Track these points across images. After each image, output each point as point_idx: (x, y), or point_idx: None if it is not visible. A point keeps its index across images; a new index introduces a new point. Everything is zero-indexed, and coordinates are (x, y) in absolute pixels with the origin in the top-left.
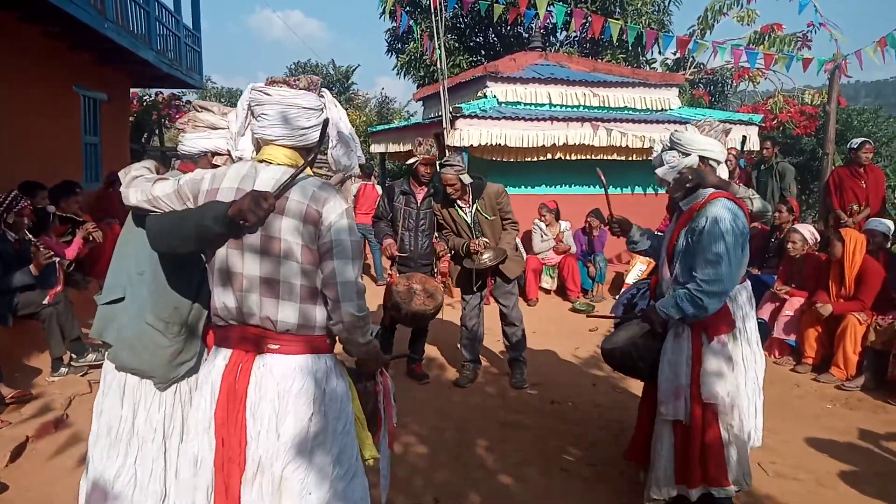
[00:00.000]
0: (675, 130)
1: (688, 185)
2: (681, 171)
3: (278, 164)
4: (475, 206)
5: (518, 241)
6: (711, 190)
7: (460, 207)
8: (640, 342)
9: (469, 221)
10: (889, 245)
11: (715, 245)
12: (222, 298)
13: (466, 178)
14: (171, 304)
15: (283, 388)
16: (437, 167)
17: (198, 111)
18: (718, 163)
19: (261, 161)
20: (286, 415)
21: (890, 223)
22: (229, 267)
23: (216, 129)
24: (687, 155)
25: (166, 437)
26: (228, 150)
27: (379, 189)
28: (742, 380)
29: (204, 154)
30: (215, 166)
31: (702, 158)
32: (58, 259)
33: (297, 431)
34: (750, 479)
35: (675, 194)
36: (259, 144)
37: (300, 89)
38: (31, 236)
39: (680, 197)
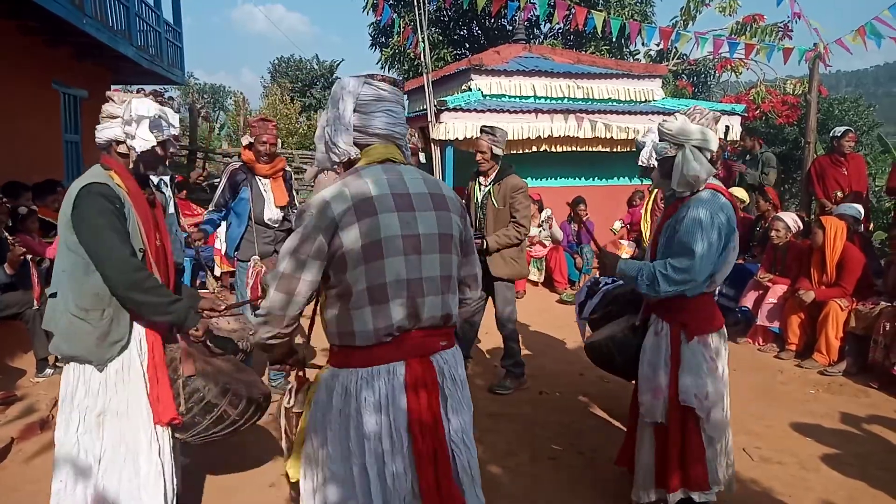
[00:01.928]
0: (664, 120)
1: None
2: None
3: (404, 164)
4: (489, 187)
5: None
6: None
7: (480, 183)
8: (619, 337)
9: (479, 200)
10: (861, 228)
11: (692, 235)
12: (391, 312)
13: (498, 150)
14: (90, 293)
15: (458, 382)
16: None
17: (108, 102)
18: (712, 153)
19: (384, 161)
20: (463, 408)
21: (859, 206)
22: (406, 275)
23: (114, 118)
24: (680, 146)
25: (103, 412)
26: (125, 139)
27: None
28: (723, 381)
29: (109, 143)
30: (121, 154)
31: (698, 149)
32: (30, 257)
33: (469, 422)
34: (730, 480)
35: (666, 189)
36: (357, 144)
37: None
38: (7, 235)
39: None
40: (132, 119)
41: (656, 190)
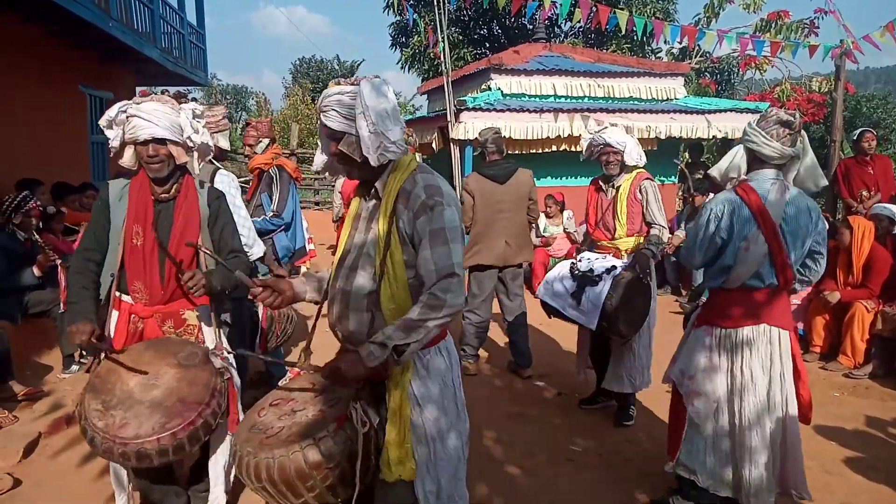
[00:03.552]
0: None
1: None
2: None
3: None
4: None
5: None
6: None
7: None
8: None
9: None
10: (895, 230)
11: (695, 221)
12: None
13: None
14: None
15: None
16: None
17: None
18: (766, 155)
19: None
20: None
21: (894, 207)
22: None
23: None
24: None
25: None
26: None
27: None
28: (717, 375)
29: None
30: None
31: (746, 149)
32: (59, 261)
33: None
34: (711, 478)
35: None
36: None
37: None
38: (37, 237)
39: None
40: (104, 125)
41: (630, 181)
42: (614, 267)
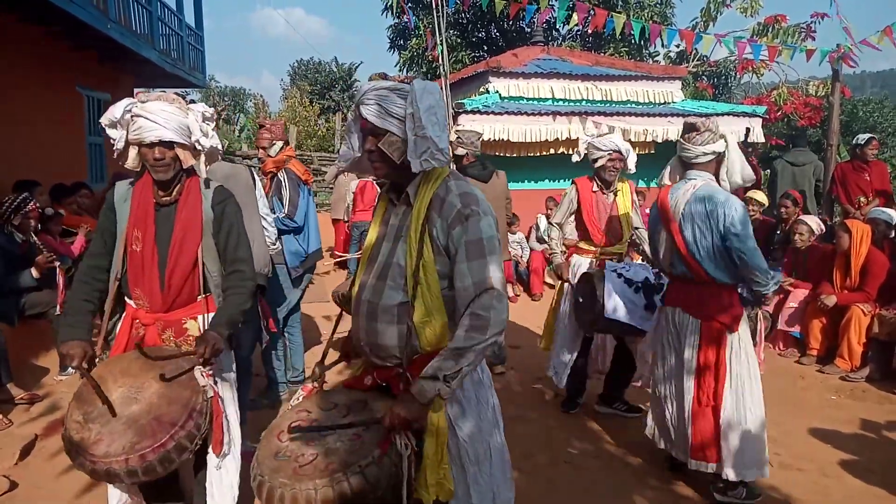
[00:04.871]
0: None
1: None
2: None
3: None
4: None
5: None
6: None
7: None
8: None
9: None
10: (893, 235)
11: None
12: None
13: (459, 150)
14: None
15: None
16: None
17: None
18: (686, 156)
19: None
20: None
21: (892, 212)
22: None
23: None
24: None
25: None
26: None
27: (378, 187)
28: (658, 349)
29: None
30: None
31: (678, 157)
32: (58, 264)
33: None
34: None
35: None
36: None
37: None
38: (35, 238)
39: None
40: (106, 124)
41: (628, 188)
42: (659, 272)
